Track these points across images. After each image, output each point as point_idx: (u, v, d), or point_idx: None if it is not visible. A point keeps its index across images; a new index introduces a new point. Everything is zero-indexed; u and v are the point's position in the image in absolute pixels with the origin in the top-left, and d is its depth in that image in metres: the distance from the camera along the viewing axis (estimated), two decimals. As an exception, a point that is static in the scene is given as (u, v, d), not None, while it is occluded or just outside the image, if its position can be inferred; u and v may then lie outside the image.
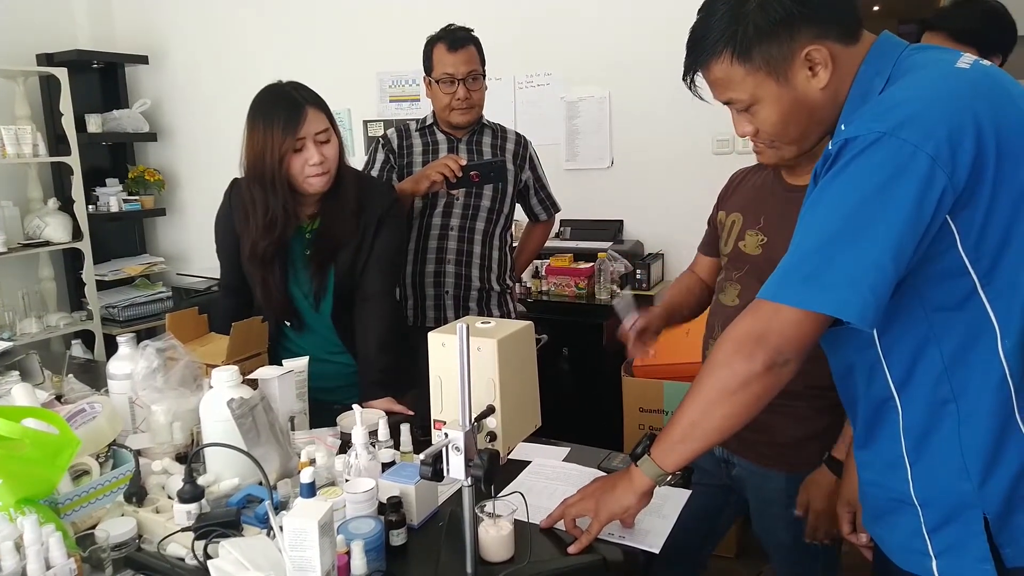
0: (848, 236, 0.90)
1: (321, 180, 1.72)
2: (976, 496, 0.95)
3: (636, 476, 1.15)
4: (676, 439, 1.09)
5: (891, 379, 1.00)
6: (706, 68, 1.04)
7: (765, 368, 0.97)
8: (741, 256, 1.53)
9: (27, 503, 1.13)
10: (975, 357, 0.94)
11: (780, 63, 0.98)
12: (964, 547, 0.97)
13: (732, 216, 1.59)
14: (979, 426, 0.95)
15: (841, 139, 0.93)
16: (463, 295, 2.31)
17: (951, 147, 0.87)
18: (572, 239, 3.31)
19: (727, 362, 1.00)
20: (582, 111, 3.38)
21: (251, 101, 1.73)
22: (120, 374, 1.58)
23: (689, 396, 1.07)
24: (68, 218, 3.85)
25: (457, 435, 1.02)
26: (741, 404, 1.01)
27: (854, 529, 1.34)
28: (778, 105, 1.01)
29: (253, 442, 1.28)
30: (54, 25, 4.15)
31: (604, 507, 1.17)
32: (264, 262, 1.78)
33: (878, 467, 1.06)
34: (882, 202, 0.88)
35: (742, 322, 1.00)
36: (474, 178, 2.10)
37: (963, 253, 0.91)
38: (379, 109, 3.81)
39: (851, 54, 1.00)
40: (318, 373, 1.71)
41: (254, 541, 1.10)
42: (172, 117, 4.46)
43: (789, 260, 0.96)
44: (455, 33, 2.18)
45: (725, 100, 1.05)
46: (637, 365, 2.61)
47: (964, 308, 0.93)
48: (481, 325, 1.12)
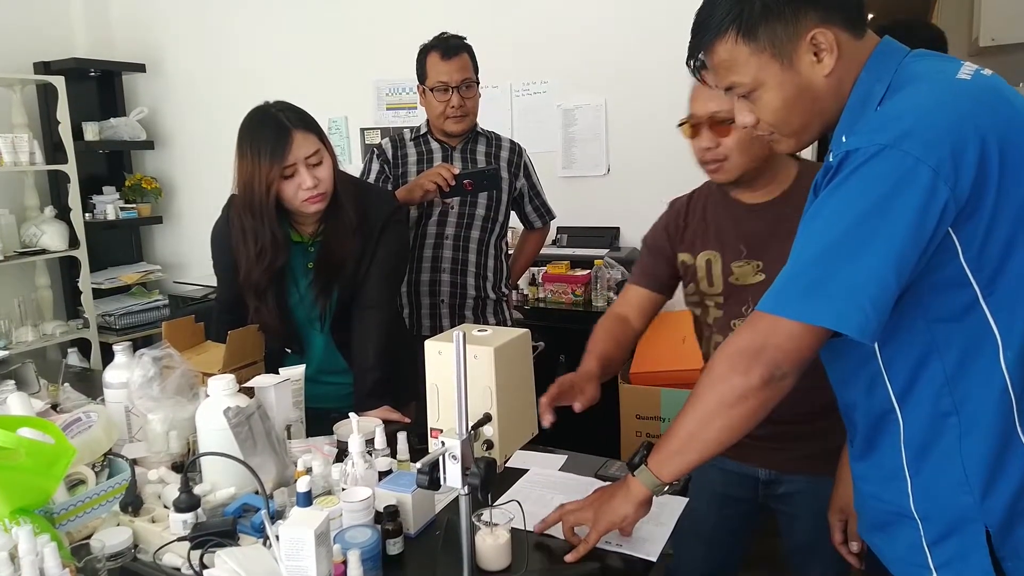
0: (849, 248, 0.90)
1: (316, 203, 1.69)
2: (978, 509, 0.95)
3: (634, 486, 1.15)
4: (673, 450, 1.09)
5: (892, 391, 0.99)
6: (711, 49, 1.02)
7: (762, 383, 0.97)
8: (740, 290, 1.47)
9: (22, 513, 1.12)
10: (977, 368, 0.94)
11: (785, 44, 0.97)
12: (965, 560, 0.96)
13: (704, 256, 1.51)
14: (981, 438, 0.94)
15: (842, 151, 0.92)
16: (459, 303, 2.31)
17: (954, 160, 0.87)
18: (569, 246, 3.31)
19: (725, 376, 1.00)
20: (578, 119, 3.39)
21: (240, 124, 1.69)
22: (116, 383, 1.57)
23: (687, 408, 1.07)
24: (65, 226, 3.84)
25: (454, 443, 1.02)
26: (738, 417, 1.01)
27: (845, 539, 1.33)
28: (781, 90, 1.00)
29: (249, 451, 1.28)
30: (51, 33, 4.15)
31: (602, 517, 1.17)
32: (258, 291, 1.75)
33: (877, 479, 1.06)
34: (884, 214, 0.88)
35: (740, 336, 1.00)
36: (467, 187, 2.09)
37: (965, 264, 0.91)
38: (376, 117, 3.82)
39: (855, 48, 0.99)
40: (314, 395, 1.70)
41: (250, 550, 1.10)
42: (169, 125, 4.46)
43: (788, 272, 0.96)
44: (448, 41, 2.18)
45: (728, 85, 1.04)
46: (634, 372, 2.61)
47: (966, 319, 0.93)
48: (478, 333, 1.12)
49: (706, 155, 1.40)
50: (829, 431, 1.36)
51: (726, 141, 1.37)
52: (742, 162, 1.38)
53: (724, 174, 1.41)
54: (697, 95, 1.39)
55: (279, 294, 1.78)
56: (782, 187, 1.45)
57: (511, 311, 2.50)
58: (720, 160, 1.39)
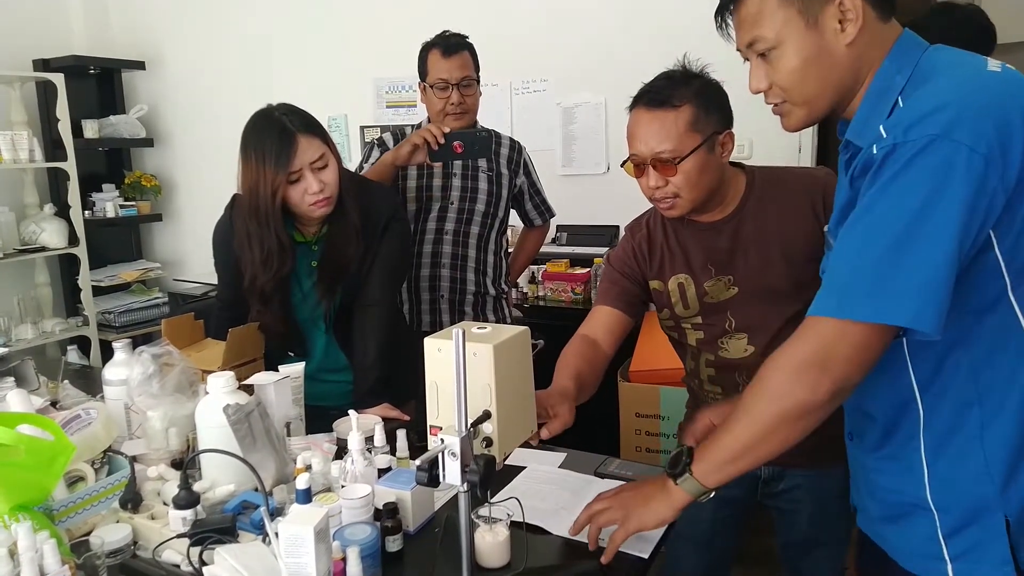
0: (913, 243, 0.87)
1: (323, 206, 1.67)
2: (998, 499, 0.95)
3: (675, 492, 1.12)
4: (725, 459, 1.07)
5: (915, 380, 0.99)
6: (741, 0, 1.03)
7: (830, 397, 0.95)
8: (717, 306, 1.48)
9: (22, 509, 1.12)
10: (1002, 359, 0.94)
11: (814, 2, 0.98)
12: (983, 550, 0.96)
13: (675, 280, 1.52)
14: (1003, 428, 0.94)
15: (888, 144, 0.90)
16: (458, 299, 2.31)
17: (1002, 147, 0.86)
18: (568, 244, 3.32)
19: (789, 392, 0.97)
20: (578, 117, 3.39)
21: (243, 127, 1.67)
22: (116, 380, 1.57)
23: (742, 419, 1.03)
24: (64, 224, 3.84)
25: (453, 441, 1.01)
26: (801, 431, 1.00)
27: None
28: (801, 51, 0.99)
29: (249, 448, 1.28)
30: (51, 30, 4.15)
31: (635, 518, 1.14)
32: (263, 297, 1.73)
33: (893, 471, 1.05)
34: (942, 206, 0.86)
35: (799, 346, 0.97)
36: (457, 149, 2.03)
37: (1000, 256, 0.90)
38: (376, 115, 3.82)
39: (879, 28, 0.99)
40: (315, 393, 1.69)
41: (250, 548, 1.10)
42: (169, 123, 4.46)
43: (846, 272, 0.93)
44: (449, 39, 2.19)
45: (749, 41, 1.03)
46: (634, 371, 2.61)
47: (994, 310, 0.93)
48: (477, 331, 1.12)
49: (656, 193, 1.40)
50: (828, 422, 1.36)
51: (674, 180, 1.37)
52: (693, 196, 1.39)
53: (678, 210, 1.42)
54: (636, 134, 1.39)
55: (283, 296, 1.77)
56: (735, 202, 1.46)
57: (510, 308, 2.51)
58: (671, 197, 1.40)
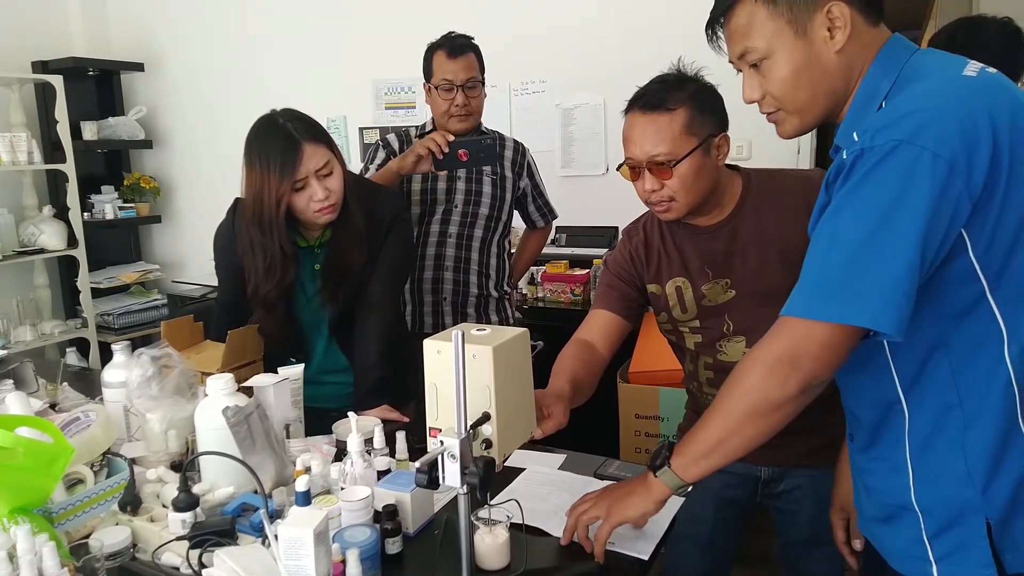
0: (877, 246, 0.89)
1: (328, 213, 1.66)
2: (979, 501, 0.95)
3: (655, 485, 1.15)
4: (700, 454, 1.10)
5: (899, 383, 1.00)
6: (731, 12, 1.04)
7: (799, 392, 0.97)
8: (715, 310, 1.48)
9: (21, 512, 1.12)
10: (982, 362, 0.95)
11: (803, 12, 0.99)
12: (965, 552, 0.97)
13: (672, 283, 1.52)
14: (983, 431, 0.95)
15: (856, 149, 0.92)
16: (461, 301, 2.31)
17: (967, 154, 0.87)
18: (567, 246, 3.32)
19: (761, 386, 1.00)
20: (577, 118, 3.39)
21: (247, 133, 1.66)
22: (115, 382, 1.57)
23: (716, 413, 1.06)
24: (63, 225, 3.84)
25: (453, 443, 1.01)
26: (771, 425, 1.02)
27: (847, 538, 1.33)
28: (792, 61, 1.01)
29: (248, 450, 1.28)
30: (49, 32, 4.15)
31: (617, 511, 1.17)
32: (267, 305, 1.73)
33: (879, 473, 1.06)
34: (905, 210, 0.88)
35: (772, 344, 0.99)
36: (462, 156, 2.03)
37: (974, 259, 0.91)
38: (375, 116, 3.82)
39: (868, 33, 1.00)
40: (314, 395, 1.69)
41: (249, 550, 1.10)
42: (168, 124, 4.46)
43: (814, 274, 0.95)
44: (455, 40, 2.19)
45: (740, 52, 1.05)
46: (633, 372, 2.61)
47: (973, 313, 0.93)
48: (477, 332, 1.12)
49: (651, 197, 1.41)
50: (829, 423, 1.35)
51: (670, 183, 1.37)
52: (689, 200, 1.39)
53: (674, 213, 1.42)
54: (631, 137, 1.39)
55: (286, 303, 1.77)
56: (731, 205, 1.46)
57: (513, 309, 2.51)
58: (667, 201, 1.40)
